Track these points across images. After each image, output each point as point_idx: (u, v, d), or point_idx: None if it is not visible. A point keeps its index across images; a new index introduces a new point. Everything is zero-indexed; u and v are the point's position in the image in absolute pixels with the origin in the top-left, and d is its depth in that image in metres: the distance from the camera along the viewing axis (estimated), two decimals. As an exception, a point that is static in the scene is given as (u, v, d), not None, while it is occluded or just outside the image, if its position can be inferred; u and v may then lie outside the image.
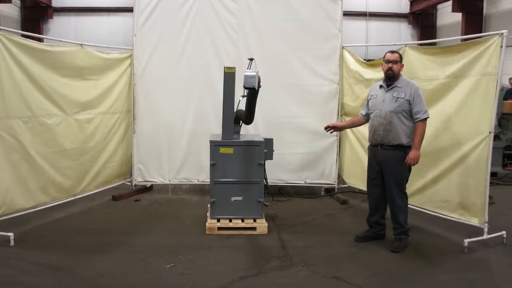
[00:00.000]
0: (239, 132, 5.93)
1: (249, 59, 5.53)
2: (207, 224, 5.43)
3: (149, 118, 7.08)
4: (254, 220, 5.49)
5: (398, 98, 4.84)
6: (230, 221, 5.47)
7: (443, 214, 5.38)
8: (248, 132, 6.72)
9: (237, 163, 5.47)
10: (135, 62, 7.01)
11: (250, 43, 6.91)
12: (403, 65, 5.01)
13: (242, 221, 5.47)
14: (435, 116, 5.44)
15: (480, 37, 5.23)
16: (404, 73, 5.79)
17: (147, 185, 7.40)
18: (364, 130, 6.47)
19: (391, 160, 4.88)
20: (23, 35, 6.17)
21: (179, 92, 7.03)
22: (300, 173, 7.13)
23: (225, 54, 6.87)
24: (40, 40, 6.80)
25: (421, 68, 5.64)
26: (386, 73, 4.95)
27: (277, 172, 7.00)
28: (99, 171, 6.64)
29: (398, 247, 4.87)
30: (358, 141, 6.69)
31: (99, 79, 6.53)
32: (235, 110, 5.70)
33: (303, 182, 7.16)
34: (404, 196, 4.97)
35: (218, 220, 5.47)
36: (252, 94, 5.42)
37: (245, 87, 5.14)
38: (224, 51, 6.92)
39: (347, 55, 6.88)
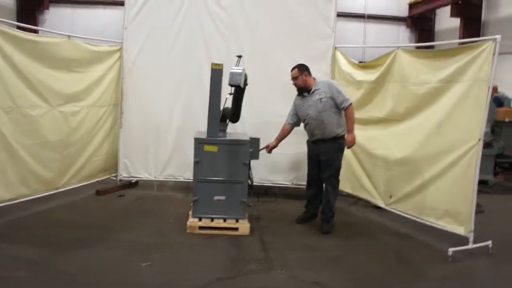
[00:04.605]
0: (225, 130, 5.83)
1: (237, 56, 5.42)
2: (188, 222, 5.33)
3: (137, 112, 6.98)
4: (237, 221, 5.38)
5: (321, 99, 5.38)
6: (212, 220, 5.37)
7: (429, 221, 5.27)
8: (236, 131, 6.63)
9: (221, 162, 5.36)
10: (125, 55, 6.90)
11: (241, 40, 6.81)
12: (306, 74, 5.50)
13: (224, 221, 5.37)
14: (425, 121, 5.38)
15: (474, 41, 5.13)
16: (395, 77, 5.74)
17: (132, 181, 7.29)
18: (355, 132, 6.41)
19: (331, 151, 5.46)
20: (18, 27, 6.06)
21: (168, 87, 6.92)
22: (287, 174, 7.03)
23: (216, 51, 6.75)
24: (35, 31, 6.69)
25: (413, 72, 5.54)
26: (296, 88, 5.59)
27: (264, 172, 6.91)
28: (83, 164, 6.54)
29: (328, 228, 5.49)
30: (347, 144, 6.58)
31: (87, 72, 6.42)
32: (222, 107, 5.61)
33: (290, 183, 7.06)
34: (338, 182, 5.62)
35: (200, 219, 5.37)
36: (238, 91, 5.33)
37: (230, 85, 5.04)
38: (215, 47, 6.81)
39: (339, 55, 6.77)
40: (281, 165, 6.96)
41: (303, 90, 5.52)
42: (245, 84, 5.37)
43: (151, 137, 7.02)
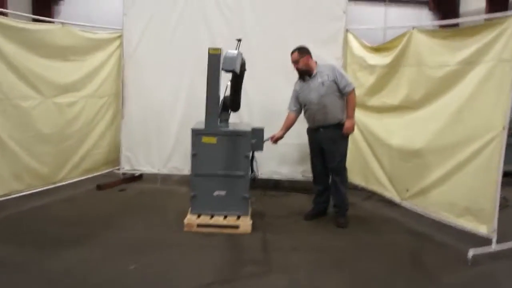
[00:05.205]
0: (227, 120, 5.45)
1: (237, 39, 5.00)
2: (185, 220, 4.98)
3: (139, 102, 6.68)
4: (238, 218, 5.02)
5: (323, 82, 5.08)
6: (212, 217, 5.01)
7: (448, 219, 4.79)
8: (242, 120, 6.27)
9: (221, 154, 5.00)
10: (125, 43, 6.60)
11: (246, 24, 6.42)
12: (308, 56, 5.19)
13: (225, 218, 5.01)
14: (443, 108, 4.88)
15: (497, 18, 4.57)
16: (410, 60, 5.26)
17: (136, 174, 7.00)
18: (368, 121, 5.97)
19: (335, 138, 5.14)
20: (33, 19, 5.84)
21: (170, 76, 6.59)
22: (296, 166, 6.61)
23: (219, 35, 6.34)
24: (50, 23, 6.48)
25: (430, 54, 5.04)
26: (297, 72, 5.27)
27: (273, 165, 6.54)
28: (83, 157, 6.30)
29: (344, 222, 5.20)
30: (361, 134, 6.13)
31: (84, 61, 6.14)
32: (223, 95, 5.24)
33: (300, 176, 6.64)
34: (345, 171, 5.33)
35: (199, 216, 5.03)
36: (235, 77, 4.94)
37: (224, 70, 4.64)
38: (218, 32, 6.41)
39: (351, 38, 6.29)
40: (289, 156, 6.56)
41: (305, 73, 5.21)
42: (243, 69, 4.98)
43: (153, 128, 6.72)
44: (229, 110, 5.43)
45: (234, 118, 6.26)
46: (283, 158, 6.56)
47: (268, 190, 6.48)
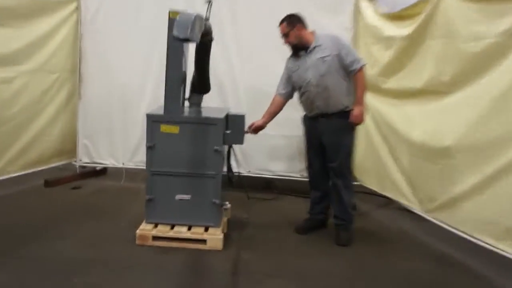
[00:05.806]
0: (199, 104, 4.32)
1: (206, 1, 3.85)
2: (138, 231, 3.86)
3: (100, 80, 5.61)
4: (206, 229, 3.88)
5: (324, 57, 3.98)
6: (172, 228, 3.89)
7: (484, 242, 3.60)
8: (227, 105, 5.22)
9: (185, 148, 3.85)
10: (83, 6, 5.52)
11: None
12: (299, 26, 4.06)
13: (189, 229, 3.88)
14: (481, 93, 3.68)
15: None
16: (438, 30, 4.08)
17: (97, 168, 5.88)
18: (383, 108, 4.88)
19: (338, 130, 4.08)
20: None
21: (138, 49, 5.50)
22: (294, 162, 5.47)
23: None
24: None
25: (463, 22, 3.82)
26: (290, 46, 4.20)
27: (264, 160, 5.49)
28: (27, 147, 5.21)
29: (346, 239, 4.12)
30: (375, 125, 4.98)
31: (25, 27, 5.03)
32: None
33: (299, 176, 5.49)
34: (350, 173, 4.25)
35: (156, 226, 3.92)
36: (199, 49, 3.88)
37: (175, 38, 3.45)
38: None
39: (363, 4, 5.11)
40: (283, 151, 5.46)
41: (299, 48, 4.12)
42: (207, 39, 3.89)
43: (118, 111, 5.65)
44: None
45: (217, 102, 5.19)
46: (276, 152, 5.48)
47: (256, 191, 5.34)
